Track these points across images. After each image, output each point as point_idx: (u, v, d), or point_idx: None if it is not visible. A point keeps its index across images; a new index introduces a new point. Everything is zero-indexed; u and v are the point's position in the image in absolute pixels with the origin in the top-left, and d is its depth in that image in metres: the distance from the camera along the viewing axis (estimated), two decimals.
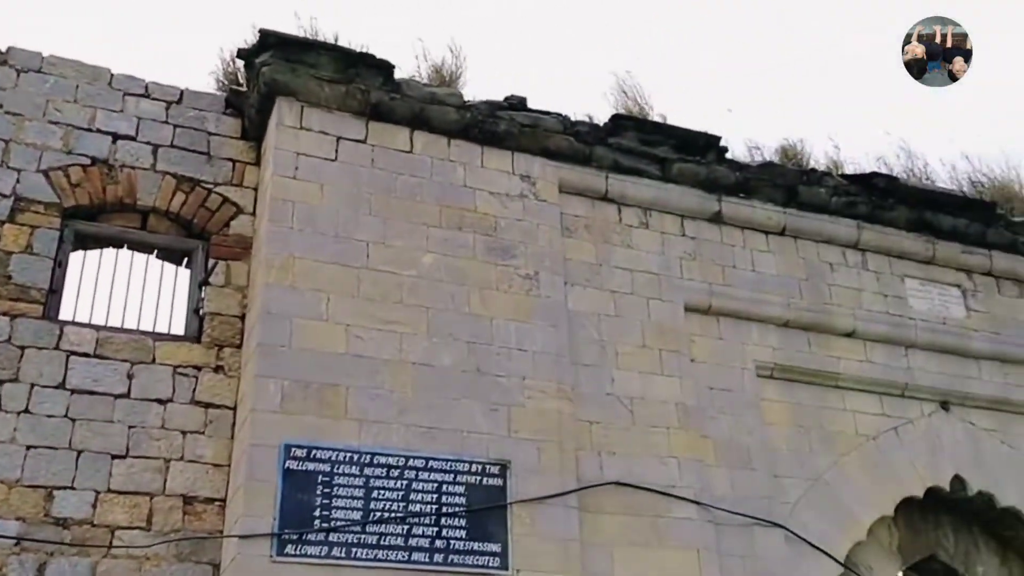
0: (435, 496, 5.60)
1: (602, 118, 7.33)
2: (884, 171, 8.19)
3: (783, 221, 7.65)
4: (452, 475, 5.67)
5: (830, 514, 6.79)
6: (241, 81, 6.84)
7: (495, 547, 5.55)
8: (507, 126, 6.86)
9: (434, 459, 5.68)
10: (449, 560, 5.44)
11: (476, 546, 5.52)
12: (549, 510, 5.78)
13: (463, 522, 5.57)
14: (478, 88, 7.33)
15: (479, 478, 5.73)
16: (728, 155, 7.58)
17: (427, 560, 5.40)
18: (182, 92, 6.69)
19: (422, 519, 5.50)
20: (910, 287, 7.93)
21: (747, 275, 7.38)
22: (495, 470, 5.78)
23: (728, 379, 6.91)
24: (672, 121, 7.54)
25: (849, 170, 8.15)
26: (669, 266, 7.13)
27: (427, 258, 6.31)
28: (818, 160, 8.17)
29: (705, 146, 7.45)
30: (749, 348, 7.11)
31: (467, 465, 5.73)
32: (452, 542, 5.49)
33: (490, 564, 5.50)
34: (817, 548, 6.53)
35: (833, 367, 7.30)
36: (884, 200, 7.93)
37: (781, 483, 6.73)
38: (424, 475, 5.62)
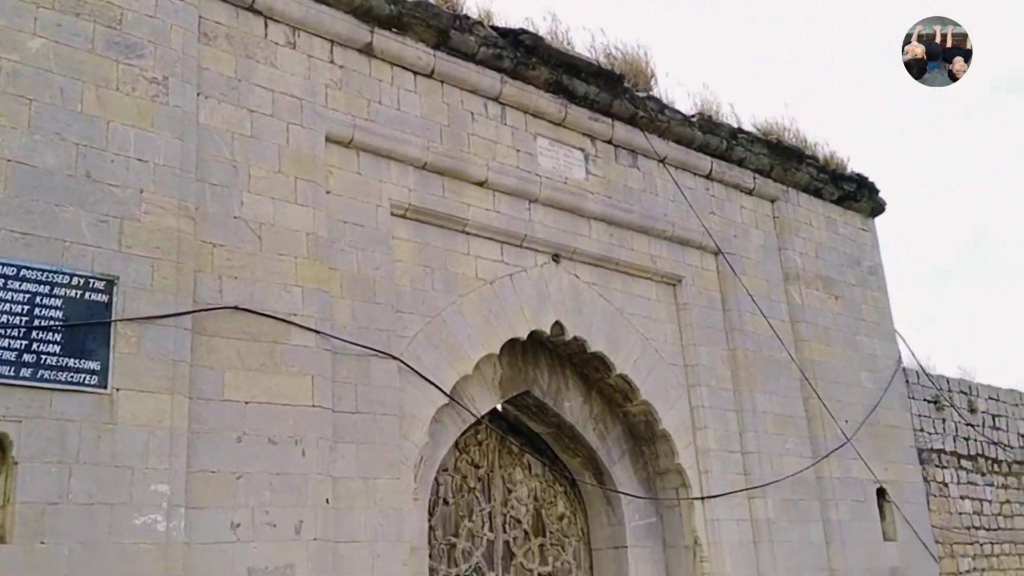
0: (27, 308, 5.07)
1: None
2: (531, 30, 8.42)
3: (432, 63, 7.66)
4: (48, 287, 5.15)
5: (443, 349, 7.18)
6: None
7: (94, 364, 5.18)
8: None
9: (28, 268, 5.11)
10: (39, 375, 4.99)
11: (72, 362, 5.11)
12: (159, 330, 5.50)
13: (58, 337, 5.11)
14: None
15: (80, 292, 5.26)
16: None
17: (13, 374, 4.91)
18: None
19: (9, 331, 4.97)
20: (540, 146, 8.39)
21: (392, 113, 7.35)
22: (100, 285, 5.34)
23: (362, 214, 6.92)
24: None
25: (499, 23, 8.29)
26: (314, 92, 6.89)
27: (34, 43, 5.50)
28: (471, 8, 8.20)
29: None
30: (386, 186, 7.15)
31: (67, 278, 5.23)
32: (44, 357, 5.03)
33: (87, 381, 5.13)
34: (427, 379, 6.92)
35: (463, 213, 7.58)
36: (528, 58, 8.21)
37: (402, 318, 6.97)
38: (15, 284, 5.06)
